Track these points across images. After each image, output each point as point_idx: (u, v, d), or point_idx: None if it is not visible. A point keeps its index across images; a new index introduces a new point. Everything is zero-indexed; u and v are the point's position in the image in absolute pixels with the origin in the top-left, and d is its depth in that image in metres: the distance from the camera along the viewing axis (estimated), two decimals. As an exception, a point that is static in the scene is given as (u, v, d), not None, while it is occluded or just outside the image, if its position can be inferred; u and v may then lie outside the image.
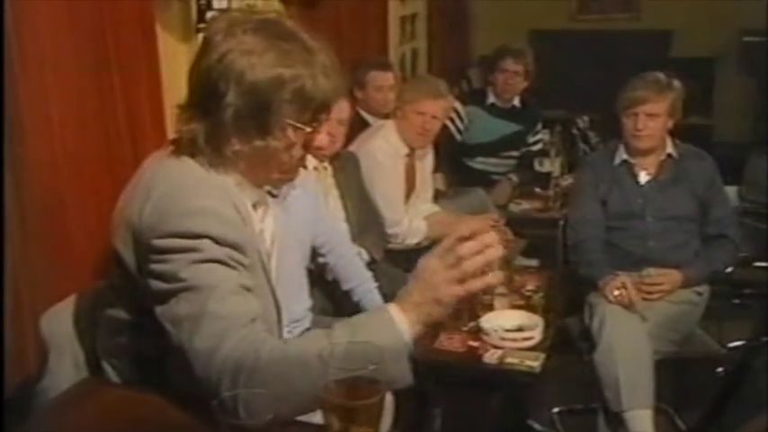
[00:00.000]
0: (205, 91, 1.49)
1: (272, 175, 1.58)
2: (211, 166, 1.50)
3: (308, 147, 1.56)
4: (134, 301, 1.51)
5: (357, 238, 3.01)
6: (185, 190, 1.45)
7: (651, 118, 2.98)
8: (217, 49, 1.47)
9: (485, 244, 1.33)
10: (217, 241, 1.40)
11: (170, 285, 1.38)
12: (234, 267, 1.42)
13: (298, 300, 2.11)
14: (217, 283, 1.37)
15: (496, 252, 1.35)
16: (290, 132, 1.50)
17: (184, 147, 1.52)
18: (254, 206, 1.61)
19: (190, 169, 1.50)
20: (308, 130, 1.52)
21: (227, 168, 1.52)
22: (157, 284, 1.40)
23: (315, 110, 1.51)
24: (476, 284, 1.35)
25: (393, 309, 1.37)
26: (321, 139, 1.58)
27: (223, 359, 1.30)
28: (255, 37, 1.47)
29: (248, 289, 1.43)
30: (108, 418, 1.45)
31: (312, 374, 1.28)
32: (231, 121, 1.47)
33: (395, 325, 1.34)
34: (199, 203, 1.43)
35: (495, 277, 1.37)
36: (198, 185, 1.47)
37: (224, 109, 1.46)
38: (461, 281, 1.34)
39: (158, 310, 1.39)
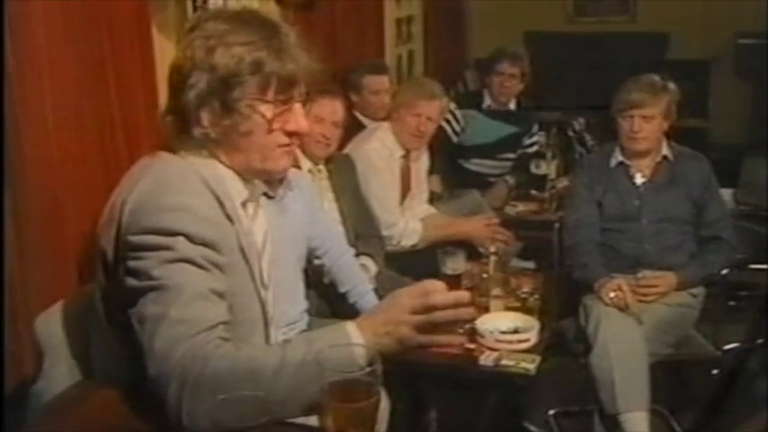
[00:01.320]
0: (174, 81, 1.52)
1: (253, 163, 1.56)
2: (189, 155, 1.51)
3: (284, 130, 1.54)
4: (119, 302, 1.50)
5: (354, 242, 3.01)
6: (164, 186, 1.46)
7: (646, 120, 2.98)
8: (184, 42, 1.51)
9: (459, 301, 1.33)
10: (191, 239, 1.40)
11: (141, 283, 1.38)
12: (206, 269, 1.41)
13: (294, 302, 2.11)
14: (185, 284, 1.37)
15: (468, 313, 1.35)
16: (258, 109, 1.50)
17: (165, 142, 1.53)
18: (244, 204, 1.61)
19: (171, 164, 1.51)
20: (274, 107, 1.51)
21: (203, 153, 1.52)
22: (131, 281, 1.41)
23: (279, 87, 1.51)
24: (437, 339, 1.36)
25: (351, 328, 1.35)
26: (297, 122, 1.55)
27: (173, 364, 1.30)
28: (216, 22, 1.50)
29: (218, 293, 1.42)
30: (104, 421, 1.44)
31: (260, 386, 1.27)
32: (195, 100, 1.48)
33: (350, 344, 1.32)
34: (174, 200, 1.43)
35: (458, 339, 1.37)
36: (177, 181, 1.47)
37: (188, 90, 1.48)
38: (425, 329, 1.33)
39: (130, 308, 1.40)
